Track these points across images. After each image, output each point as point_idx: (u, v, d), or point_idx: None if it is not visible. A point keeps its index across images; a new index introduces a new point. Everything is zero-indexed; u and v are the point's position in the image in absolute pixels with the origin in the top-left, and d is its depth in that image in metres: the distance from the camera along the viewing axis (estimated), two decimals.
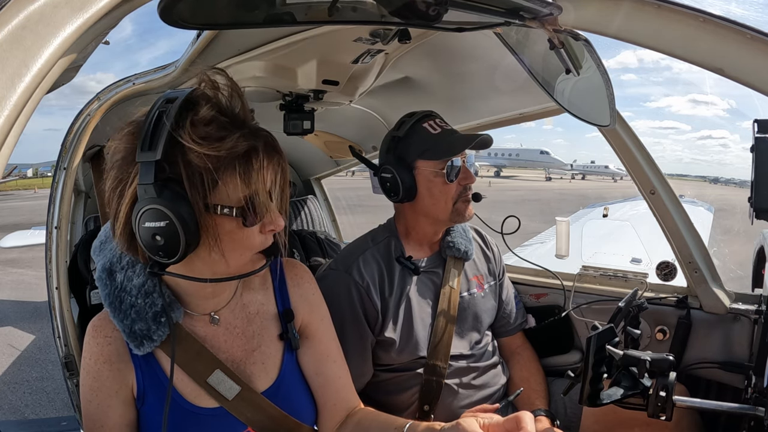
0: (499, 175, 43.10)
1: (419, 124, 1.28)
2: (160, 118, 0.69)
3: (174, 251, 0.70)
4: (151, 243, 0.70)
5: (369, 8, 0.82)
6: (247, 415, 0.86)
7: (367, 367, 1.26)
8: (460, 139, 1.28)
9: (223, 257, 0.75)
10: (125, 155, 0.73)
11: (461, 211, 1.29)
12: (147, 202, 0.68)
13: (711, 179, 53.95)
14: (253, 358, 0.90)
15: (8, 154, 0.43)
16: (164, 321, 0.81)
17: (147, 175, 0.68)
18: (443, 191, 1.27)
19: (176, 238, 0.69)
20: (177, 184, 0.70)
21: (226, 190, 0.72)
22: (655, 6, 0.73)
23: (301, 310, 0.97)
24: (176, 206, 0.68)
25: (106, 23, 0.49)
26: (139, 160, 0.69)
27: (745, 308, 1.36)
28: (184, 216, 0.69)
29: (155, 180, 0.68)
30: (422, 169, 1.26)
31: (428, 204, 1.29)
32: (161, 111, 0.69)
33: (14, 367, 3.62)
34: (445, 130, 1.29)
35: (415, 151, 1.27)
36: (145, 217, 0.69)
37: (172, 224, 0.68)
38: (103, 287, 0.83)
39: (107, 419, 0.82)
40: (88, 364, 0.82)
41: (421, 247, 1.36)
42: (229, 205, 0.72)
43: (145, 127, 0.69)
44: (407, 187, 1.27)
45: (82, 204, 1.99)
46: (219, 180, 0.71)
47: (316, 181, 2.80)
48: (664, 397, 0.90)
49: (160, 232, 0.69)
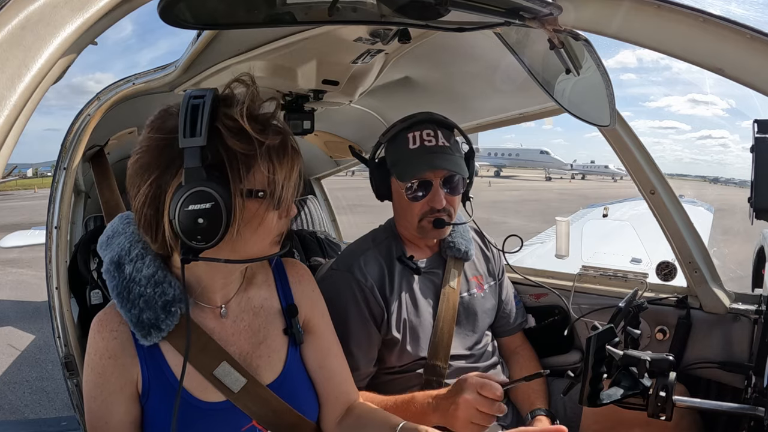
0: (499, 175, 43.10)
1: (403, 134, 1.26)
2: (197, 108, 0.72)
3: (214, 233, 0.73)
4: (192, 227, 0.72)
5: (369, 8, 0.82)
6: (252, 409, 0.87)
7: (371, 368, 1.26)
8: (426, 163, 1.22)
9: (249, 239, 0.80)
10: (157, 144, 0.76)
11: (427, 230, 1.28)
12: (195, 185, 0.72)
13: (711, 179, 53.94)
14: (259, 351, 0.91)
15: (8, 154, 0.43)
16: (174, 311, 0.82)
17: (193, 158, 0.72)
18: (408, 207, 1.27)
19: (218, 220, 0.73)
20: (217, 169, 0.74)
21: (258, 176, 0.77)
22: (655, 6, 0.73)
23: (303, 306, 0.99)
24: (221, 189, 0.73)
25: (105, 23, 0.49)
26: (183, 146, 0.72)
27: (745, 308, 1.36)
28: (226, 198, 0.73)
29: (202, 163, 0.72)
30: (393, 180, 1.29)
31: (398, 213, 1.33)
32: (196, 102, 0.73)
33: (14, 367, 3.62)
34: (423, 146, 1.23)
35: (389, 161, 1.29)
36: (190, 199, 0.72)
37: (217, 206, 0.72)
38: (111, 279, 0.84)
39: (111, 416, 0.82)
40: (93, 360, 0.82)
41: (421, 248, 1.36)
42: (262, 189, 0.78)
43: (184, 116, 0.72)
44: (382, 193, 1.32)
45: (82, 204, 1.99)
46: (253, 167, 0.76)
47: (316, 181, 2.80)
48: (664, 397, 0.90)
49: (204, 214, 0.72)
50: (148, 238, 0.80)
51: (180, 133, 0.72)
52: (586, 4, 0.79)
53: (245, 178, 0.76)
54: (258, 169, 0.77)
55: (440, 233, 1.30)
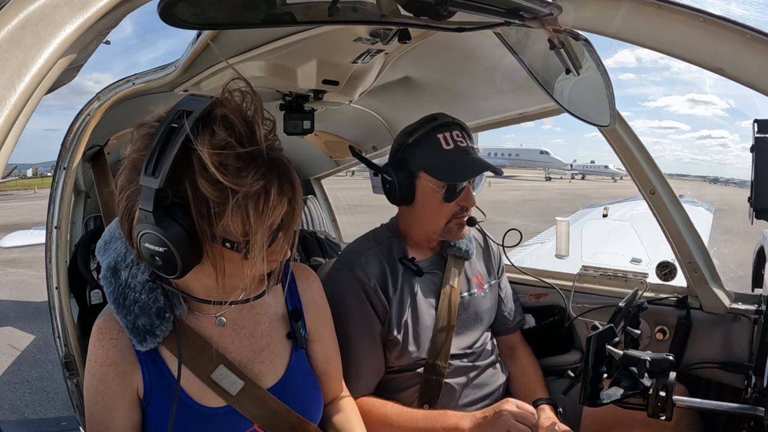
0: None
1: (434, 134, 1.23)
2: (171, 135, 0.65)
3: (172, 272, 0.70)
4: (150, 260, 0.70)
5: (369, 8, 0.82)
6: (252, 412, 0.86)
7: (382, 365, 1.25)
8: (470, 165, 1.22)
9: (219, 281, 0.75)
10: (135, 165, 0.70)
11: (453, 231, 1.28)
12: (146, 227, 0.67)
13: (711, 179, 53.94)
14: (261, 357, 0.91)
15: (8, 154, 0.43)
16: (168, 316, 0.81)
17: (147, 201, 0.65)
18: (438, 209, 1.25)
19: (173, 263, 0.68)
20: (180, 209, 0.67)
21: (232, 223, 0.69)
22: (655, 6, 0.73)
23: (310, 311, 1.00)
24: (176, 235, 0.67)
25: (105, 23, 0.49)
26: (141, 183, 0.66)
27: (745, 308, 1.36)
28: (183, 244, 0.67)
29: (155, 208, 0.65)
30: (423, 180, 1.24)
31: (423, 215, 1.28)
32: (173, 127, 0.65)
33: (14, 367, 3.62)
34: (458, 147, 1.23)
35: (421, 161, 1.23)
36: (144, 239, 0.68)
37: (170, 251, 0.67)
38: (108, 285, 0.83)
39: (112, 422, 0.82)
40: (93, 367, 0.82)
41: (423, 249, 1.36)
42: (232, 240, 0.70)
43: (153, 145, 0.65)
44: (405, 194, 1.26)
45: (82, 204, 1.99)
46: (225, 212, 0.68)
47: (316, 181, 2.80)
48: (664, 397, 0.90)
49: (158, 255, 0.68)
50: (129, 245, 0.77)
51: (143, 165, 0.65)
52: (586, 4, 0.79)
53: (216, 223, 0.69)
54: (234, 216, 0.68)
55: (464, 233, 1.30)
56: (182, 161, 0.66)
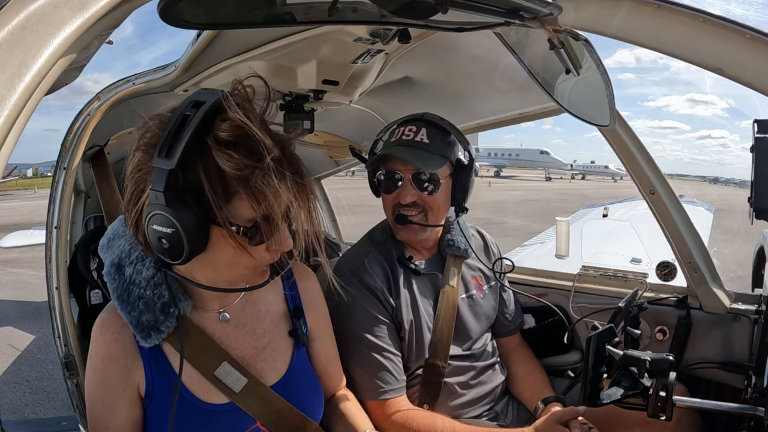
0: (499, 175, 43.10)
1: (395, 128, 1.28)
2: (184, 123, 0.68)
3: (178, 256, 0.71)
4: (156, 244, 0.72)
5: (369, 8, 0.82)
6: (254, 409, 0.87)
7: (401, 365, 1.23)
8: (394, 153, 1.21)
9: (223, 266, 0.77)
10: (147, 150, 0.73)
11: (396, 229, 1.28)
12: (155, 208, 0.69)
13: (711, 179, 53.96)
14: (263, 354, 0.91)
15: (8, 154, 0.43)
16: (172, 312, 0.81)
17: (159, 181, 0.68)
18: (383, 199, 1.28)
19: (180, 246, 0.70)
20: (190, 193, 0.70)
21: (239, 207, 0.72)
22: (655, 6, 0.73)
23: (310, 310, 1.01)
24: (185, 217, 0.69)
25: (106, 23, 0.49)
26: (154, 165, 0.68)
27: (745, 308, 1.36)
28: (191, 226, 0.69)
29: (166, 188, 0.67)
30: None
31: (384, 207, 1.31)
32: (186, 115, 0.68)
33: (14, 367, 3.62)
34: (400, 139, 1.23)
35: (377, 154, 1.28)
36: (153, 220, 0.70)
37: (177, 233, 0.69)
38: (111, 281, 0.84)
39: (113, 418, 0.82)
40: (95, 362, 0.82)
41: (419, 249, 1.36)
42: (238, 224, 0.72)
43: (167, 130, 0.68)
44: (374, 187, 1.31)
45: (82, 204, 1.99)
46: (234, 196, 0.71)
47: (316, 181, 2.80)
48: (664, 397, 0.90)
49: (166, 237, 0.70)
50: (134, 237, 0.79)
51: (158, 147, 0.68)
52: (586, 4, 0.79)
53: (223, 207, 0.71)
54: (241, 199, 0.71)
55: (407, 233, 1.26)
56: (195, 146, 0.68)
